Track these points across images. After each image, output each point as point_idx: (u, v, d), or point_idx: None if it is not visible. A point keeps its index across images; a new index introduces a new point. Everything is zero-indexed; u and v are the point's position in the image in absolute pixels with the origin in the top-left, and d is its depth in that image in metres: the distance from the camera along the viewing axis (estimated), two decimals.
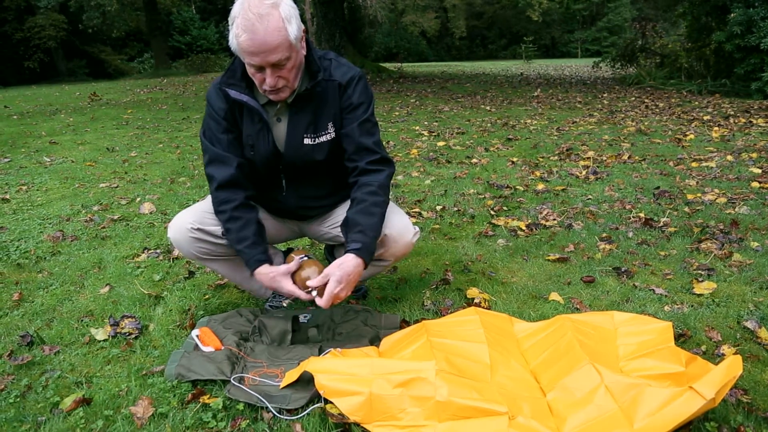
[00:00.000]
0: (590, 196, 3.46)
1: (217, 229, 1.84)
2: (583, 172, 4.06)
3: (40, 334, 1.98)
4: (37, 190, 4.15)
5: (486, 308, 2.02)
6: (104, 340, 1.92)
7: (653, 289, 2.14)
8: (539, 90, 11.30)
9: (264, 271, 1.73)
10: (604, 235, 2.76)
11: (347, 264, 1.63)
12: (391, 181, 1.95)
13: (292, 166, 1.82)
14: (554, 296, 2.11)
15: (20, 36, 30.20)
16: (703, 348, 1.72)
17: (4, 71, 29.43)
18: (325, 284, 1.62)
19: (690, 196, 3.33)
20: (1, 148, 5.96)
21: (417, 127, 6.50)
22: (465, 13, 38.62)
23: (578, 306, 2.04)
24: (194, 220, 1.83)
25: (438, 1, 33.43)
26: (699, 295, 2.09)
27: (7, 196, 3.94)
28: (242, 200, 1.78)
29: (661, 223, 2.88)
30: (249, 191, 1.81)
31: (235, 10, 1.59)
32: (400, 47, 37.51)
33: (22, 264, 2.69)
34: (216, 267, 1.97)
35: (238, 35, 1.57)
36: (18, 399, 1.62)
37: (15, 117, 8.74)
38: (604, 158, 4.53)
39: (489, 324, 1.68)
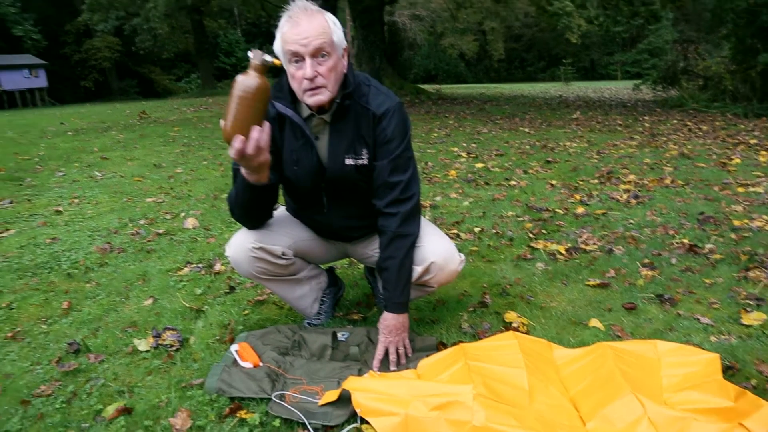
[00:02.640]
0: (631, 221, 3.39)
1: (277, 248, 1.87)
2: (624, 196, 3.98)
3: (87, 343, 2.04)
4: (88, 203, 4.31)
5: (524, 333, 1.99)
6: (146, 351, 1.97)
7: (698, 318, 2.07)
8: (579, 112, 11.18)
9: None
10: (646, 260, 2.70)
11: (384, 320, 1.82)
12: (428, 203, 1.96)
13: (333, 183, 1.84)
14: (594, 322, 2.07)
15: (78, 57, 31.90)
16: (753, 382, 1.66)
17: (62, 90, 31.01)
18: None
19: (736, 223, 3.23)
20: (57, 163, 6.24)
21: (455, 149, 6.51)
22: (503, 35, 38.60)
23: (619, 333, 1.99)
24: (255, 239, 1.85)
25: (477, 24, 33.55)
26: (747, 326, 2.01)
27: (61, 208, 4.12)
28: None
29: (706, 250, 2.80)
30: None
31: (283, 17, 1.66)
32: (438, 69, 37.75)
33: (72, 274, 2.79)
34: (272, 286, 2.00)
35: (282, 29, 1.63)
36: (64, 405, 1.68)
37: (70, 133, 9.13)
38: (646, 182, 4.44)
39: (528, 349, 1.66)
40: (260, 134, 1.47)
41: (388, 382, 1.52)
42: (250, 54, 1.50)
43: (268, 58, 1.50)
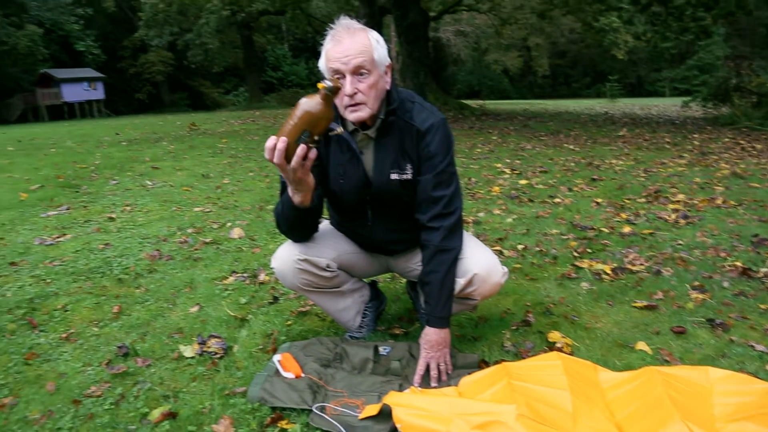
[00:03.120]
0: (680, 242, 3.28)
1: (322, 260, 1.90)
2: (673, 216, 3.87)
3: (135, 347, 2.11)
4: (139, 210, 4.47)
5: (568, 353, 1.95)
6: (191, 358, 2.02)
7: (753, 345, 1.99)
8: (625, 129, 10.94)
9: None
10: (696, 283, 2.61)
11: (425, 335, 1.82)
12: (471, 218, 1.96)
13: (378, 197, 1.87)
14: (641, 346, 2.01)
15: (133, 71, 33.44)
16: None
17: (118, 102, 32.53)
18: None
19: None
20: (111, 171, 6.49)
21: (499, 165, 6.47)
22: (548, 51, 38.27)
23: (668, 358, 1.93)
24: (300, 251, 1.89)
25: (521, 40, 33.39)
26: None
27: (114, 215, 4.28)
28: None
29: (761, 274, 2.68)
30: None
31: (328, 34, 1.72)
32: (482, 85, 37.69)
33: (123, 279, 2.89)
34: (315, 298, 2.03)
35: (326, 48, 1.69)
36: (112, 406, 1.73)
37: (124, 143, 9.49)
38: (696, 202, 4.30)
39: (572, 370, 1.62)
40: (304, 152, 1.51)
41: (429, 398, 1.51)
42: (326, 83, 1.54)
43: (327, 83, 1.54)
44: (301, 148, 1.50)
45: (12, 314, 2.47)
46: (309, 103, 1.50)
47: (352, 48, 1.65)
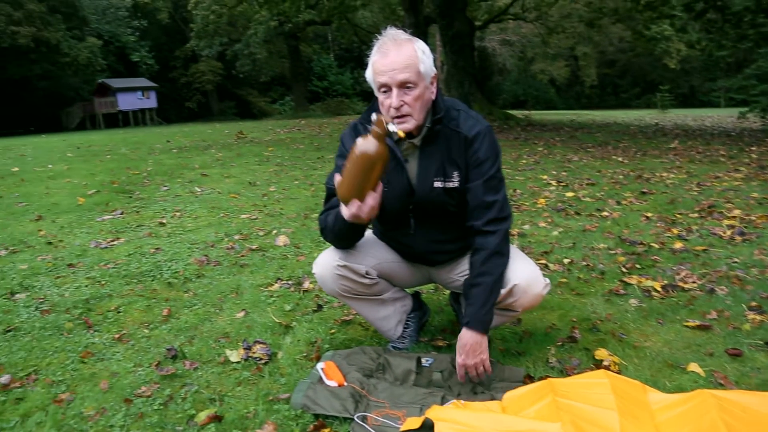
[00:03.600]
0: (736, 259, 3.16)
1: (361, 267, 1.93)
2: (728, 232, 3.72)
3: (183, 350, 2.17)
4: (189, 216, 4.60)
5: (616, 372, 1.90)
6: (237, 362, 2.06)
7: None
8: (677, 141, 10.60)
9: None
10: (754, 303, 2.50)
11: (461, 338, 1.79)
12: (515, 231, 1.94)
13: (421, 205, 1.88)
14: (694, 367, 1.94)
15: (184, 80, 34.70)
16: None
17: (169, 110, 33.80)
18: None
19: None
20: (162, 178, 6.70)
21: (545, 176, 6.37)
22: (596, 61, 37.54)
23: (722, 381, 1.86)
24: (340, 257, 1.92)
25: (568, 49, 32.88)
26: None
27: (164, 221, 4.42)
28: None
29: None
30: None
31: (375, 46, 1.74)
32: (528, 95, 37.25)
33: (172, 283, 2.97)
34: (355, 305, 2.05)
35: (373, 59, 1.71)
36: (161, 407, 1.78)
37: (175, 150, 9.79)
38: (753, 218, 4.12)
39: (620, 390, 1.58)
40: (375, 200, 1.61)
41: (472, 413, 1.49)
42: (373, 117, 1.58)
43: (392, 127, 1.60)
44: (374, 198, 1.63)
45: (69, 314, 2.58)
46: (365, 144, 1.56)
47: (399, 61, 1.67)
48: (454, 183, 1.82)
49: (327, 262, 1.94)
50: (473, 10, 18.60)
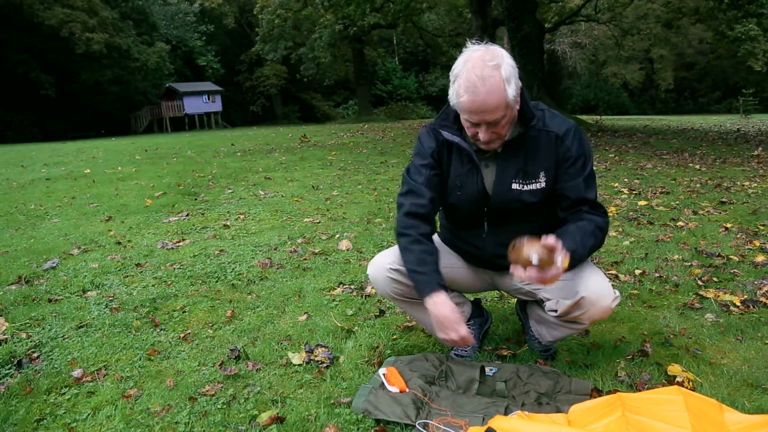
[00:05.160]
0: None
1: None
2: None
3: (246, 351, 2.20)
4: (252, 219, 4.69)
5: (690, 389, 1.78)
6: (299, 365, 2.07)
7: None
8: (760, 148, 9.94)
9: (442, 299, 1.72)
10: None
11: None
12: None
13: (496, 209, 1.85)
14: None
15: (249, 84, 35.75)
16: None
17: (233, 114, 34.91)
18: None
19: None
20: (226, 180, 6.90)
21: (616, 184, 6.12)
22: (673, 63, 35.88)
23: None
24: (393, 260, 1.91)
25: (643, 51, 31.61)
26: None
27: (228, 223, 4.53)
28: (429, 231, 1.84)
29: None
30: (434, 228, 1.87)
31: (458, 67, 1.66)
32: (599, 99, 35.98)
33: (236, 285, 3.03)
34: (407, 308, 2.03)
35: (459, 94, 1.64)
36: (224, 406, 1.81)
37: (239, 154, 10.07)
38: None
39: (694, 408, 1.47)
40: (468, 336, 1.71)
41: (537, 425, 1.43)
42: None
43: (534, 259, 1.55)
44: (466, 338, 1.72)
45: (137, 312, 2.67)
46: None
47: (489, 103, 1.61)
48: (540, 184, 1.79)
49: (380, 264, 1.94)
50: (543, 11, 18.19)
